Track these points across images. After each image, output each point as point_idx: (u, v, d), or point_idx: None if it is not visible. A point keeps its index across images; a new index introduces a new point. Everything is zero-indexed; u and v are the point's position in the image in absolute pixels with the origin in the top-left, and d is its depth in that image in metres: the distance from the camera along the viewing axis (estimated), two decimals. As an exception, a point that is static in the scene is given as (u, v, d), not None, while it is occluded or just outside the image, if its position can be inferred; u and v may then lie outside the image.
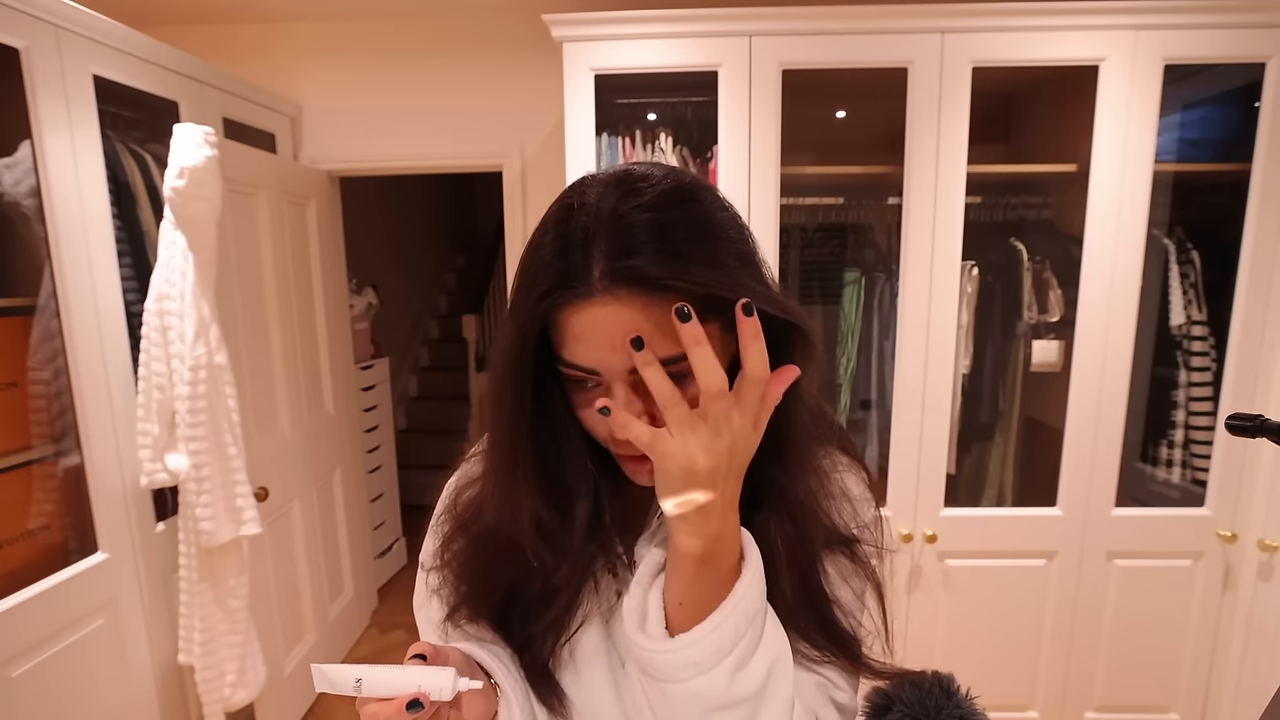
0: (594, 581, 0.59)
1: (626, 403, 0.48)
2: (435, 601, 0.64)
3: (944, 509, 1.85)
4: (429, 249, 5.26)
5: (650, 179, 0.49)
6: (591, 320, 0.47)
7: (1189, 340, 1.85)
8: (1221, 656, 1.88)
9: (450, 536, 0.63)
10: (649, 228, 0.46)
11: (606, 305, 0.46)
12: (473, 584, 0.61)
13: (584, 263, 0.46)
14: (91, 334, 1.54)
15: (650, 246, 0.45)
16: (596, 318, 0.46)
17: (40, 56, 1.43)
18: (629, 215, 0.46)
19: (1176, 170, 1.83)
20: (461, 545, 0.61)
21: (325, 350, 2.48)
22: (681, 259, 0.45)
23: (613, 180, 0.49)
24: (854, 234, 2.16)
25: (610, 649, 0.58)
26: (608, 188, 0.49)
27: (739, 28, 1.69)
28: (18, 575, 1.46)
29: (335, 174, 2.54)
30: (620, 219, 0.46)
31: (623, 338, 0.45)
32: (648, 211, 0.47)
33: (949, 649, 1.92)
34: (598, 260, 0.46)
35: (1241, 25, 1.63)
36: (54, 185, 1.46)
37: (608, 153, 1.88)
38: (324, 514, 2.45)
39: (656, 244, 0.45)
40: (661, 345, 0.45)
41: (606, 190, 0.48)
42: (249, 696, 1.78)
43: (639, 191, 0.48)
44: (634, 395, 0.49)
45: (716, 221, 0.49)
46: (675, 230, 0.46)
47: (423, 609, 0.68)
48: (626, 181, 0.49)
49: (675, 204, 0.48)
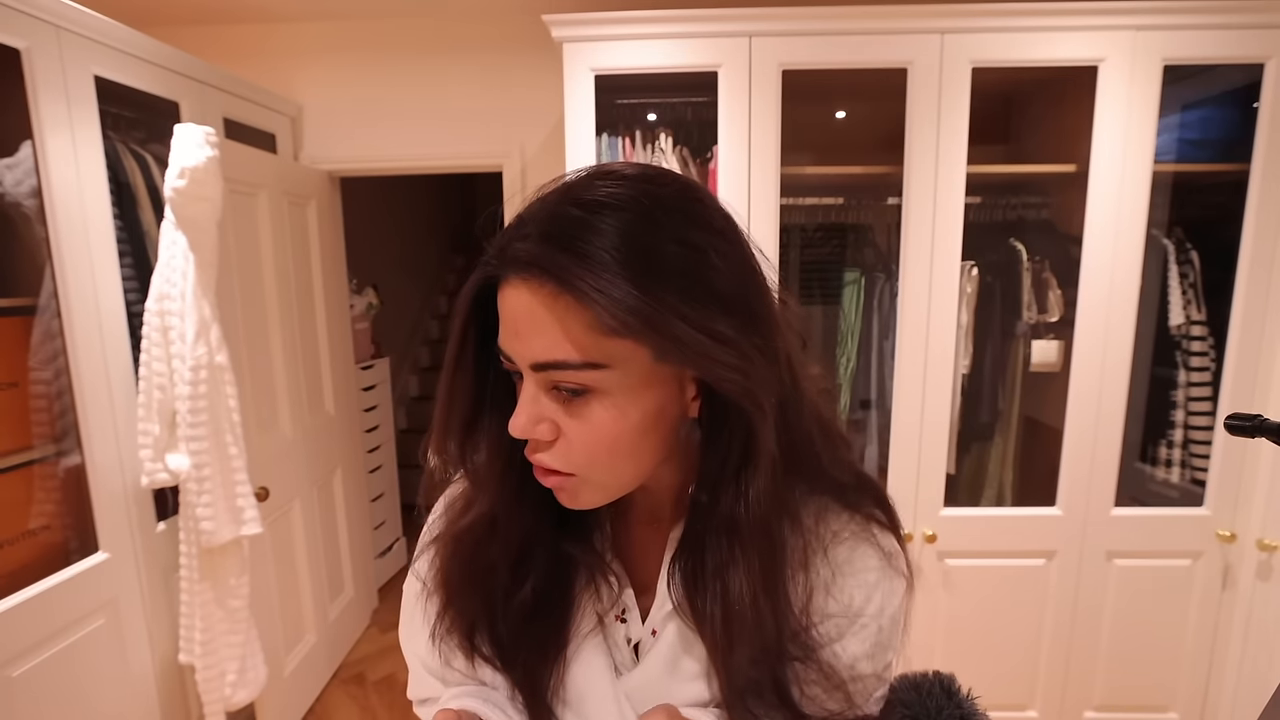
0: (582, 607, 0.56)
1: (531, 402, 0.46)
2: (425, 633, 0.60)
3: (944, 509, 1.85)
4: (429, 249, 5.26)
5: (614, 177, 0.45)
6: (505, 301, 0.45)
7: (1188, 340, 1.85)
8: (1220, 656, 1.88)
9: (437, 550, 0.60)
10: (577, 224, 0.43)
11: (516, 288, 0.44)
12: (457, 594, 0.57)
13: (513, 241, 0.44)
14: (92, 334, 1.55)
15: (565, 241, 0.42)
16: (508, 299, 0.45)
17: (41, 57, 1.43)
18: (568, 208, 0.44)
19: (1176, 170, 1.84)
20: (445, 556, 0.58)
21: (326, 350, 2.48)
22: (598, 265, 0.41)
23: (583, 172, 0.47)
24: (854, 234, 2.16)
25: (613, 688, 0.54)
26: (573, 178, 0.47)
27: (739, 28, 1.69)
28: (18, 575, 1.46)
29: (336, 174, 2.54)
30: (558, 206, 0.44)
31: (526, 326, 0.43)
32: (587, 211, 0.43)
33: (949, 649, 1.92)
34: (523, 241, 0.43)
35: (1241, 26, 1.63)
36: (55, 185, 1.46)
37: (608, 153, 1.89)
38: (324, 514, 2.45)
39: (572, 240, 0.42)
40: (556, 348, 0.43)
41: (571, 180, 0.47)
42: (249, 696, 1.78)
43: (593, 188, 0.45)
44: (539, 397, 0.46)
45: (661, 243, 0.43)
46: (600, 234, 0.42)
47: (412, 644, 0.65)
48: (592, 176, 0.46)
49: (621, 210, 0.43)
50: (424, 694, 0.66)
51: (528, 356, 0.45)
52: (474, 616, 0.55)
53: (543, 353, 0.44)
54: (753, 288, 0.47)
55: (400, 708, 2.35)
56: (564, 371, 0.44)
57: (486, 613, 0.55)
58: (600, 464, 0.47)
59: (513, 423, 0.46)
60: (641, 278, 0.41)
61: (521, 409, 0.46)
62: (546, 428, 0.46)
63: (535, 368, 0.45)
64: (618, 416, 0.45)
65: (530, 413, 0.46)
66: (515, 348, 0.45)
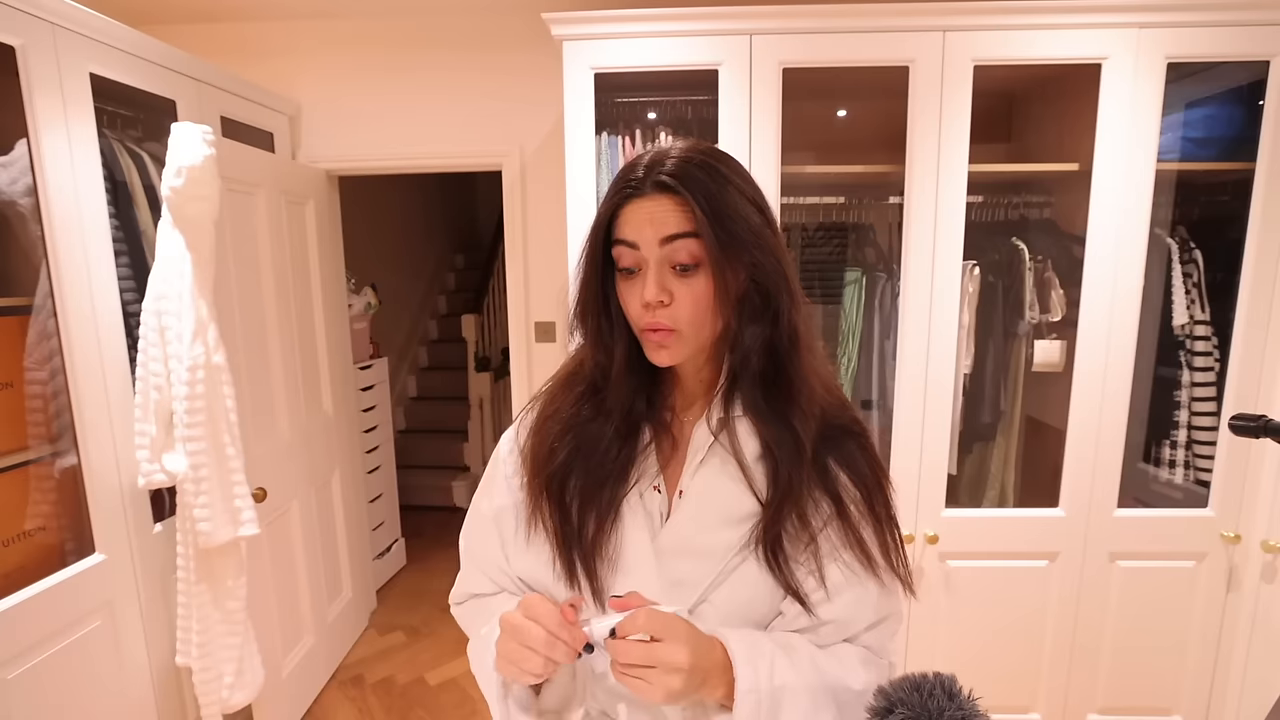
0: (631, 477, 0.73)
1: (657, 276, 0.67)
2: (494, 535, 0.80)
3: (945, 510, 1.84)
4: (428, 249, 5.25)
5: (700, 145, 0.71)
6: (642, 206, 0.67)
7: (1192, 340, 1.84)
8: (1225, 658, 1.87)
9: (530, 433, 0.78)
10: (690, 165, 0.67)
11: (654, 197, 0.67)
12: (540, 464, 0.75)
13: (641, 178, 0.68)
14: (88, 334, 1.54)
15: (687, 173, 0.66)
16: (645, 205, 0.67)
17: (37, 54, 1.42)
18: (680, 158, 0.68)
19: (1179, 169, 1.82)
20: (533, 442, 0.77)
21: (324, 350, 2.47)
22: (707, 188, 0.66)
23: (679, 142, 0.72)
24: (855, 233, 2.15)
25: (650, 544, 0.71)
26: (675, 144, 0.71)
27: (739, 26, 1.68)
28: (14, 576, 1.45)
29: (334, 173, 2.53)
30: (664, 153, 0.69)
31: (663, 214, 0.66)
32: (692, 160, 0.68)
33: (951, 650, 1.91)
34: (662, 173, 0.67)
35: (1245, 23, 1.62)
36: (50, 184, 1.45)
37: (607, 151, 1.88)
38: (322, 515, 2.44)
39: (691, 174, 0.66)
40: (676, 225, 0.66)
41: (675, 144, 0.71)
42: (247, 698, 1.77)
43: (689, 150, 0.69)
44: (664, 276, 0.68)
45: (734, 182, 0.68)
46: (703, 170, 0.67)
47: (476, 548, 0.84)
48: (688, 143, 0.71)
49: (711, 158, 0.69)
50: (472, 589, 0.86)
51: (663, 233, 0.66)
52: (569, 469, 0.74)
53: (676, 227, 0.66)
54: (774, 221, 0.71)
55: (399, 710, 2.34)
56: (687, 239, 0.66)
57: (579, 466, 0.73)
58: (695, 321, 0.68)
59: (647, 291, 0.67)
60: (730, 197, 0.67)
61: (651, 282, 0.67)
62: (667, 294, 0.67)
63: (665, 240, 0.66)
64: (710, 284, 0.68)
65: (658, 283, 0.67)
66: (648, 233, 0.67)
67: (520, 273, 2.50)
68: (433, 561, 3.45)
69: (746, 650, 0.65)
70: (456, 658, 2.63)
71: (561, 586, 0.72)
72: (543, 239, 2.48)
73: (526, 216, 2.48)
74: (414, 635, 2.80)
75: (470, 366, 4.34)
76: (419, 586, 3.20)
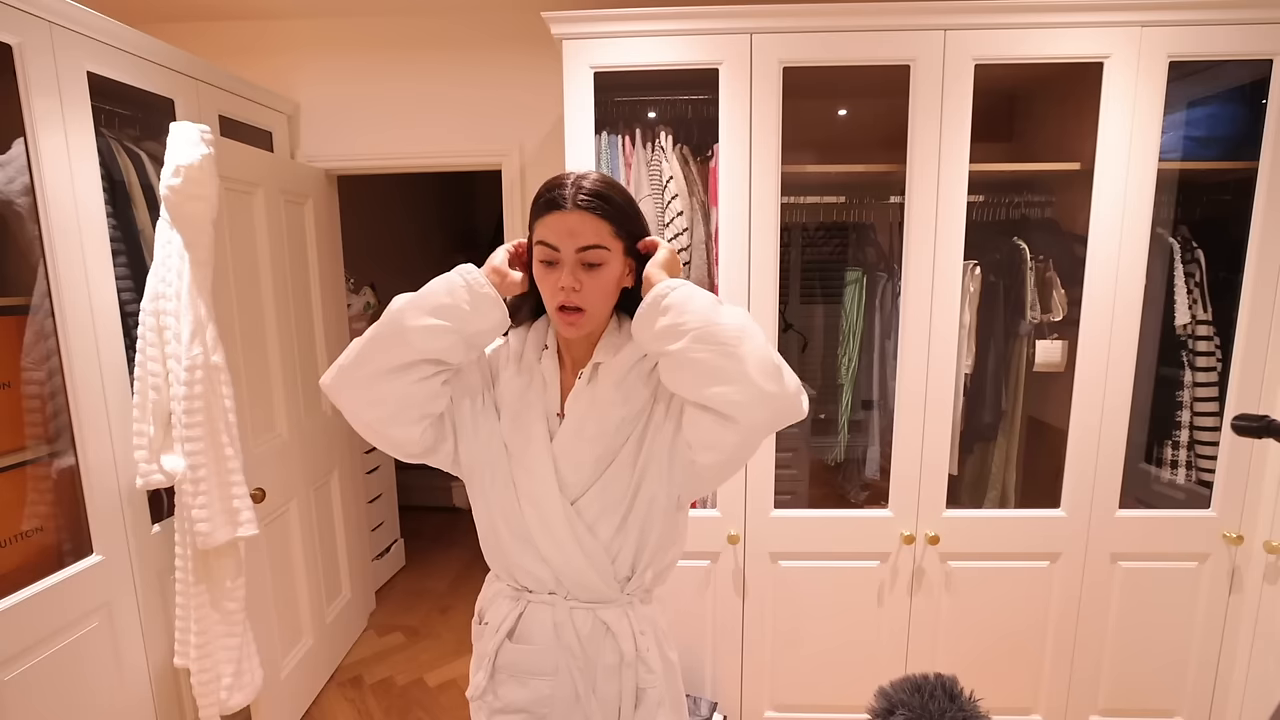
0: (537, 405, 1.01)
1: (571, 272, 0.90)
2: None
3: (946, 510, 1.83)
4: (427, 248, 5.24)
5: (600, 174, 0.94)
6: (565, 219, 0.89)
7: (1194, 340, 1.84)
8: (1227, 660, 1.86)
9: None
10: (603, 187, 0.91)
11: (575, 213, 0.89)
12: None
13: (566, 195, 0.90)
14: (86, 334, 1.53)
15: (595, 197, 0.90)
16: (568, 218, 0.89)
17: (34, 53, 1.41)
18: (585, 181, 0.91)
19: (1181, 168, 1.82)
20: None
21: (323, 350, 2.46)
22: (613, 207, 0.91)
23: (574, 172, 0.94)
24: (855, 233, 2.15)
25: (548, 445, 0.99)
26: (576, 174, 0.93)
27: (740, 25, 1.67)
28: (12, 578, 1.45)
29: (333, 172, 2.53)
30: (581, 179, 0.91)
31: (580, 229, 0.89)
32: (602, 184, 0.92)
33: (951, 652, 1.91)
34: (572, 196, 0.89)
35: (1247, 22, 1.62)
36: (48, 184, 1.44)
37: (607, 151, 1.87)
38: (321, 515, 2.44)
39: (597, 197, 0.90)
40: (591, 238, 0.90)
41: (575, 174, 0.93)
42: (245, 699, 1.76)
43: (588, 175, 0.92)
44: (576, 269, 0.90)
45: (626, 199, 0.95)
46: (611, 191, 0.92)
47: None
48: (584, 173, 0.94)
49: (605, 183, 0.93)
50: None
51: (579, 244, 0.89)
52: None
53: (590, 239, 0.90)
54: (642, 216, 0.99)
55: (397, 710, 2.33)
56: (594, 251, 0.90)
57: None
58: (597, 302, 0.93)
59: (563, 279, 0.90)
60: (622, 214, 0.93)
61: (566, 274, 0.90)
62: (579, 283, 0.90)
63: (580, 249, 0.89)
64: (609, 274, 0.92)
65: (572, 274, 0.90)
66: (568, 242, 0.89)
67: (520, 272, 2.50)
68: (432, 562, 3.45)
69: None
70: (456, 658, 2.62)
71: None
72: (542, 239, 2.47)
73: (526, 216, 2.48)
74: (413, 636, 2.79)
75: (470, 366, 4.33)
76: (418, 587, 3.20)
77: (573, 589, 1.00)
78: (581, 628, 1.00)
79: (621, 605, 1.01)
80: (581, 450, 0.97)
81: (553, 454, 0.97)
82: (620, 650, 1.00)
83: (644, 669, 1.02)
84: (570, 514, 0.96)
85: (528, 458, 0.98)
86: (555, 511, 0.96)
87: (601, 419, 0.96)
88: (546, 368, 1.01)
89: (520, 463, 0.99)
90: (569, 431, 0.98)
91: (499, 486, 1.00)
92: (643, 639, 1.02)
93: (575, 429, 0.98)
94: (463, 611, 2.98)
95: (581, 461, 0.97)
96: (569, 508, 0.97)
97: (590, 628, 1.00)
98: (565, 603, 1.00)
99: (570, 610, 1.00)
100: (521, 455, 0.99)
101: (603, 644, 1.00)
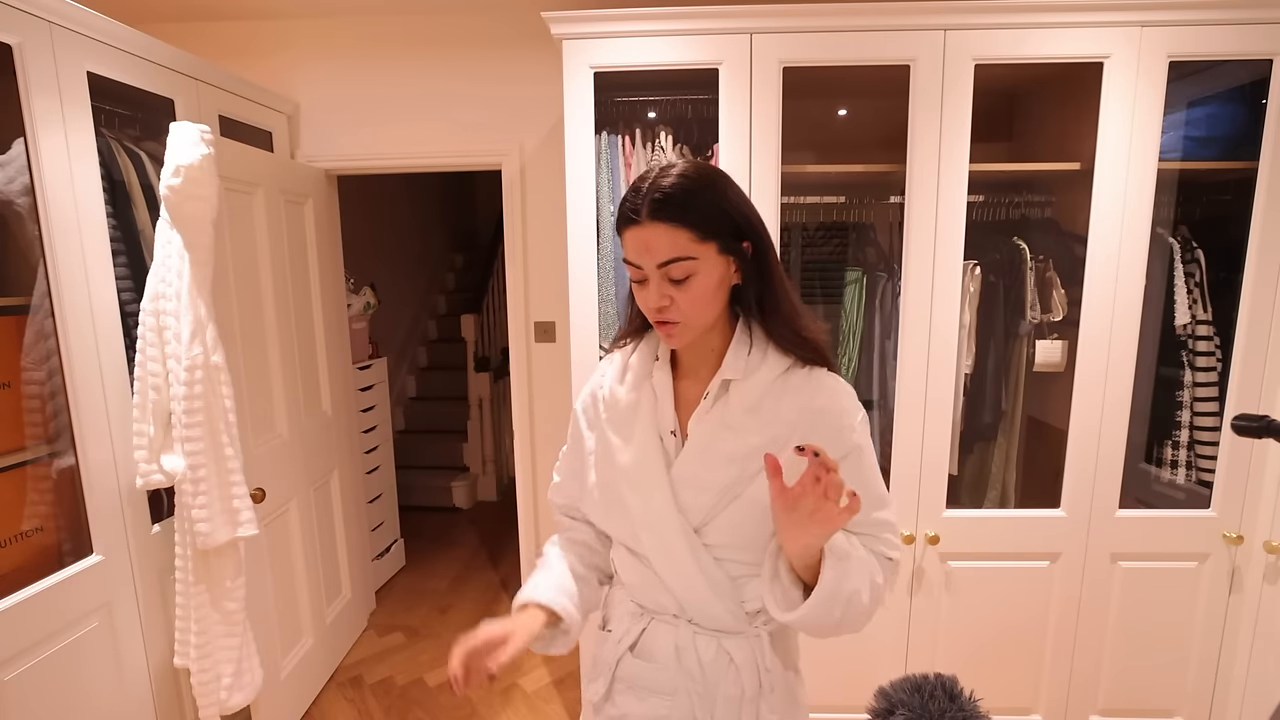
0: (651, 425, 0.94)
1: (658, 289, 0.84)
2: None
3: (946, 510, 1.83)
4: (427, 248, 5.25)
5: (680, 166, 0.84)
6: (640, 234, 0.82)
7: (1194, 340, 1.84)
8: (1227, 660, 1.86)
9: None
10: (668, 191, 0.81)
11: (648, 226, 0.82)
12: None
13: (638, 207, 0.82)
14: (86, 334, 1.53)
15: (667, 203, 0.81)
16: (643, 232, 0.82)
17: (34, 53, 1.41)
18: (661, 184, 0.82)
19: (1181, 168, 1.82)
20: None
21: (323, 350, 2.46)
22: (691, 213, 0.81)
23: (661, 165, 0.86)
24: (855, 233, 2.15)
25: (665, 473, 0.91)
26: (657, 169, 0.85)
27: (740, 25, 1.67)
28: (11, 578, 1.45)
29: (333, 172, 2.53)
30: (657, 184, 0.82)
31: (656, 243, 0.81)
32: (675, 184, 0.82)
33: (951, 652, 1.91)
34: (642, 206, 0.82)
35: (1247, 21, 1.62)
36: (48, 184, 1.44)
37: (607, 151, 1.87)
38: (321, 515, 2.44)
39: (671, 202, 0.81)
40: (668, 252, 0.81)
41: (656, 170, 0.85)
42: (245, 699, 1.76)
43: (667, 172, 0.83)
44: (662, 285, 0.83)
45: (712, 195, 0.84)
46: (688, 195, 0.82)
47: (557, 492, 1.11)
48: (666, 166, 0.85)
49: (686, 178, 0.83)
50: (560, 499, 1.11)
51: (658, 259, 0.82)
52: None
53: (668, 254, 0.81)
54: (755, 213, 0.88)
55: (397, 711, 2.33)
56: (676, 265, 0.82)
57: None
58: (693, 313, 0.85)
59: (650, 299, 0.85)
60: (705, 214, 0.82)
61: (653, 292, 0.84)
62: (668, 299, 0.84)
63: (660, 265, 0.82)
64: (702, 284, 0.84)
65: (659, 291, 0.84)
66: (647, 259, 0.83)
67: (520, 272, 2.50)
68: (432, 562, 3.45)
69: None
70: (456, 658, 2.62)
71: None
72: (543, 238, 2.48)
73: (526, 216, 2.48)
74: (413, 636, 2.79)
75: (470, 366, 4.34)
76: (418, 587, 3.20)
77: (696, 615, 0.94)
78: (704, 654, 0.93)
79: (749, 638, 0.94)
80: (704, 477, 0.89)
81: (670, 479, 0.90)
82: (742, 684, 0.93)
83: (766, 708, 0.94)
84: (694, 541, 0.90)
85: (644, 482, 0.91)
86: (676, 538, 0.90)
87: (732, 445, 0.87)
88: (658, 381, 0.94)
89: (637, 488, 0.92)
90: (691, 456, 0.90)
91: (615, 513, 0.95)
92: (767, 676, 0.94)
93: (699, 452, 0.90)
94: (463, 611, 2.98)
95: (705, 487, 0.89)
96: (692, 535, 0.90)
97: (713, 655, 0.93)
98: (689, 626, 0.94)
99: (693, 635, 0.94)
100: (637, 480, 0.92)
101: (725, 674, 0.93)
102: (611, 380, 0.98)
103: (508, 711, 2.32)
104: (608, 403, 0.98)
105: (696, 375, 0.94)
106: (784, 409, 0.88)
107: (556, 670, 2.54)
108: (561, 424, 2.57)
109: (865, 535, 0.89)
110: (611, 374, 0.99)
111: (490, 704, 2.36)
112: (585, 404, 1.03)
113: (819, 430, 0.87)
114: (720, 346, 0.92)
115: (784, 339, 0.89)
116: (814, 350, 0.90)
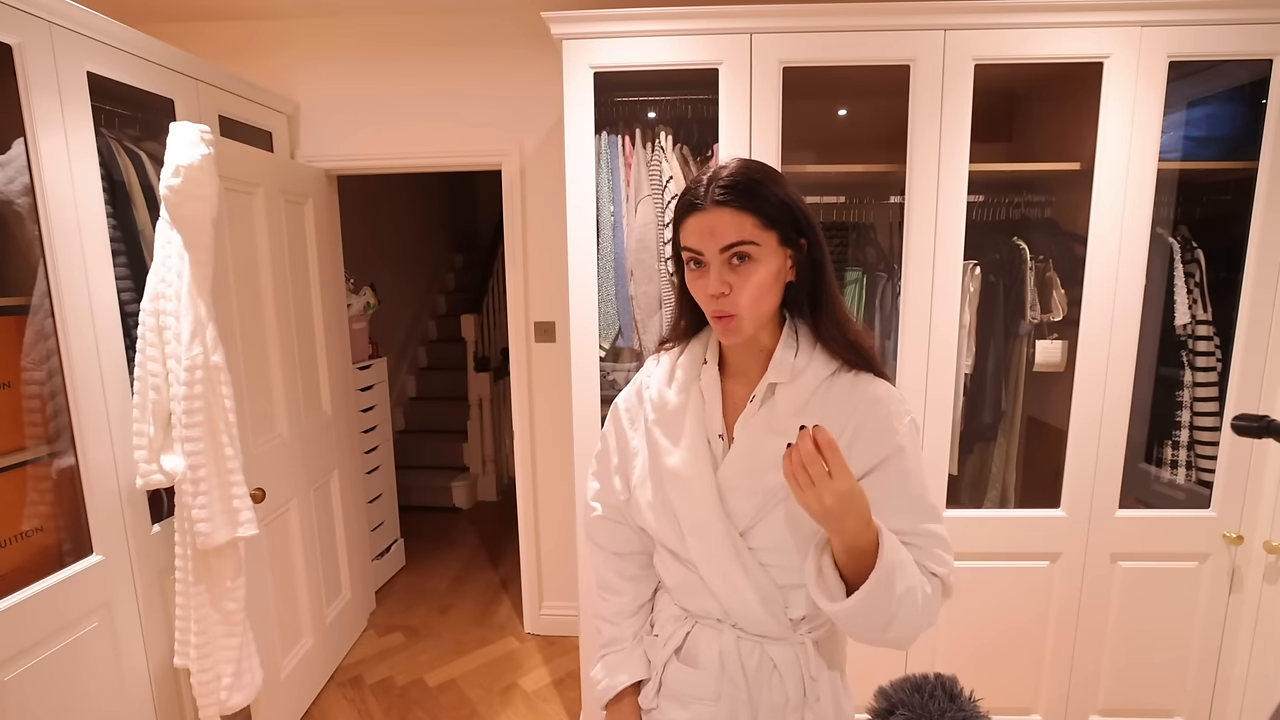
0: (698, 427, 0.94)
1: (718, 275, 0.83)
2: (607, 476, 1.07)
3: (946, 510, 1.83)
4: (427, 248, 5.25)
5: (745, 160, 0.87)
6: (704, 218, 0.83)
7: (1194, 340, 1.84)
8: (1227, 660, 1.86)
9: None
10: (742, 179, 0.83)
11: (714, 211, 0.82)
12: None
13: (702, 194, 0.83)
14: (86, 334, 1.53)
15: (740, 188, 0.82)
16: (707, 216, 0.83)
17: (34, 53, 1.41)
18: (723, 174, 0.84)
19: (1181, 168, 1.82)
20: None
21: (323, 350, 2.46)
22: (757, 199, 0.82)
23: (733, 159, 0.87)
24: (855, 233, 2.15)
25: (712, 475, 0.91)
26: (714, 167, 0.86)
27: (740, 25, 1.67)
28: (11, 578, 1.45)
29: (333, 172, 2.53)
30: (718, 174, 0.84)
31: (722, 227, 0.82)
32: (740, 173, 0.84)
33: (951, 652, 1.91)
34: (707, 194, 0.83)
35: (1247, 21, 1.62)
36: (48, 184, 1.44)
37: (607, 151, 1.87)
38: (321, 515, 2.44)
39: (742, 188, 0.82)
40: (733, 235, 0.82)
41: (714, 167, 0.86)
42: (245, 699, 1.76)
43: (727, 165, 0.85)
44: (723, 271, 0.83)
45: (775, 186, 0.84)
46: (752, 184, 0.83)
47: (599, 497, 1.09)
48: (738, 159, 0.87)
49: (754, 171, 0.84)
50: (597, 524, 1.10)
51: (722, 242, 0.82)
52: None
53: (733, 237, 0.82)
54: (806, 208, 0.87)
55: (397, 711, 2.33)
56: (740, 248, 0.82)
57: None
58: (751, 304, 0.84)
59: (710, 285, 0.83)
60: (768, 201, 0.83)
61: (713, 278, 0.83)
62: (727, 286, 0.83)
63: (724, 249, 0.82)
64: (763, 271, 0.83)
65: (719, 278, 0.83)
66: (710, 243, 0.82)
67: (520, 272, 2.50)
68: (432, 562, 3.45)
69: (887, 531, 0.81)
70: (456, 659, 2.62)
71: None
72: (542, 238, 2.48)
73: (526, 216, 2.48)
74: (413, 636, 2.79)
75: (470, 366, 4.34)
76: (418, 587, 3.20)
77: (740, 621, 0.93)
78: (748, 661, 0.93)
79: (793, 645, 0.93)
80: (750, 481, 0.89)
81: (717, 483, 0.90)
82: (786, 692, 0.92)
83: (811, 717, 0.93)
84: (739, 545, 0.89)
85: (690, 486, 0.91)
86: (721, 542, 0.89)
87: (778, 448, 0.86)
88: (706, 384, 0.94)
89: (684, 492, 0.92)
90: (738, 459, 0.90)
91: (662, 516, 0.95)
92: (813, 685, 0.93)
93: (745, 456, 0.89)
94: (463, 611, 2.98)
95: (752, 490, 0.89)
96: (738, 539, 0.89)
97: (757, 662, 0.93)
98: (733, 631, 0.93)
99: (737, 640, 0.93)
100: (684, 483, 0.91)
101: (769, 681, 0.93)
102: (659, 382, 0.98)
103: (508, 711, 2.32)
104: (656, 404, 0.97)
105: (745, 376, 0.94)
106: (830, 411, 0.87)
107: (556, 670, 2.54)
108: (562, 424, 2.57)
109: (915, 548, 0.86)
110: (660, 375, 0.99)
111: (490, 704, 2.35)
112: (630, 403, 1.04)
113: (867, 423, 0.86)
114: (770, 346, 0.92)
115: (833, 340, 0.88)
116: (862, 355, 0.89)
